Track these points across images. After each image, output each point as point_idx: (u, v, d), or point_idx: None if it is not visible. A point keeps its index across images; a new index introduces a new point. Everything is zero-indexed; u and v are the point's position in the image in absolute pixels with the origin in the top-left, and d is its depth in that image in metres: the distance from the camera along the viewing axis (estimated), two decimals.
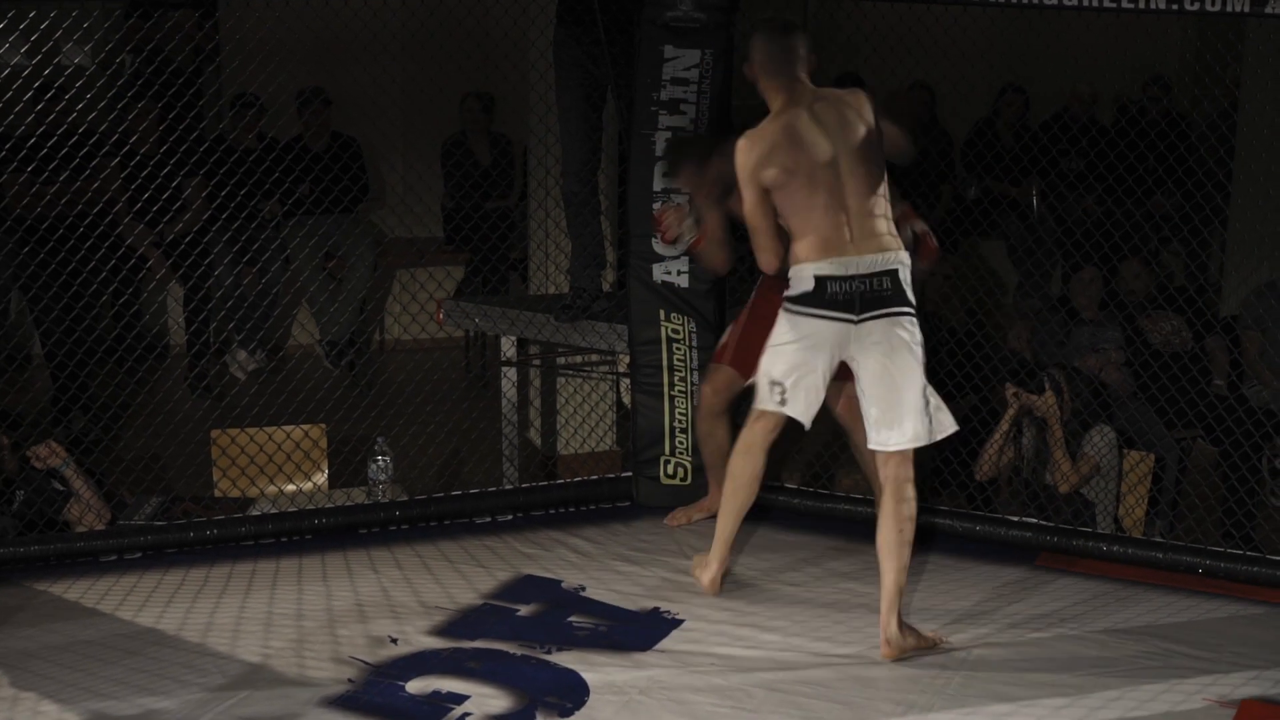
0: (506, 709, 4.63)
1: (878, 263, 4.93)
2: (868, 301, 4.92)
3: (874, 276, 4.92)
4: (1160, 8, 5.50)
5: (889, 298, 4.93)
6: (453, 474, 7.18)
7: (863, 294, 4.92)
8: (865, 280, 4.92)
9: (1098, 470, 6.27)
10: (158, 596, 5.45)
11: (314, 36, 6.29)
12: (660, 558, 5.86)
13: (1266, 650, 5.12)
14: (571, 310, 6.55)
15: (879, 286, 4.93)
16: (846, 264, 4.93)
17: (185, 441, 6.59)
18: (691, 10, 6.00)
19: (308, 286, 8.64)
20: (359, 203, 8.70)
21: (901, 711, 4.66)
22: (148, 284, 7.94)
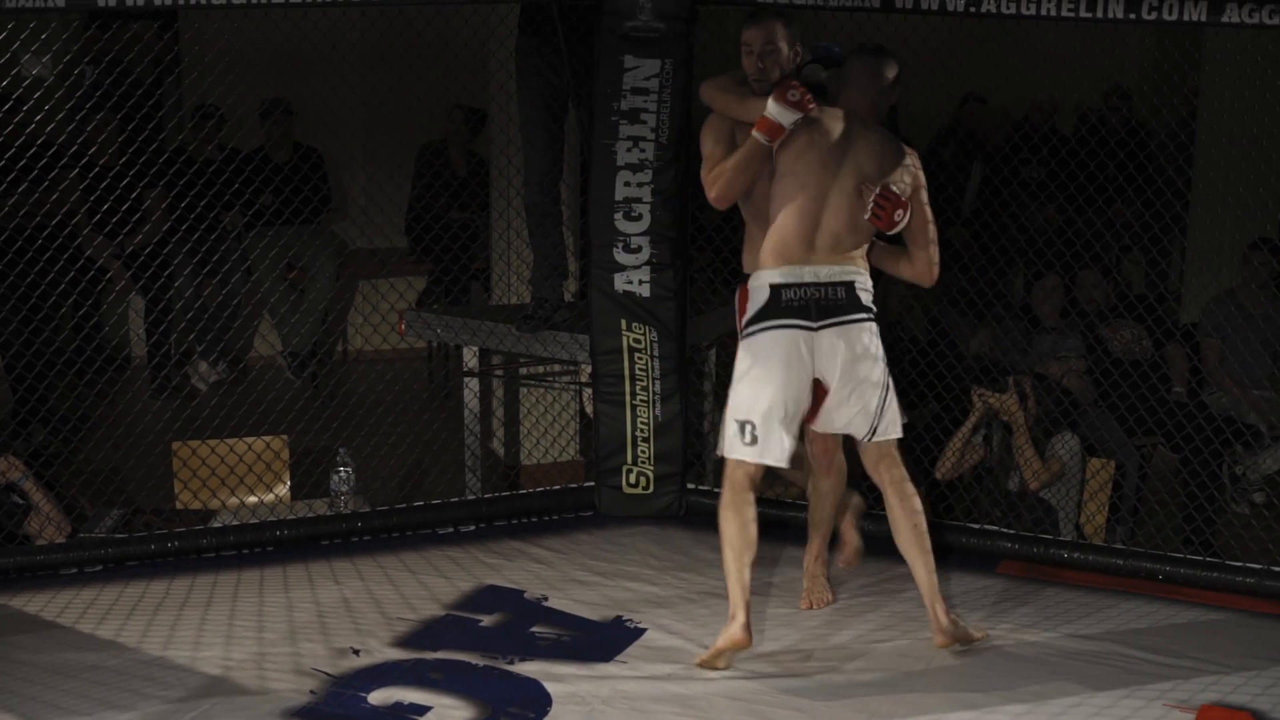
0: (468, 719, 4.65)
1: (834, 274, 4.98)
2: (823, 309, 4.95)
3: (829, 285, 4.97)
4: (1118, 16, 5.55)
5: (844, 306, 4.96)
6: (415, 485, 7.20)
7: (818, 301, 4.96)
8: (820, 288, 4.96)
9: (1065, 471, 6.31)
10: (118, 609, 5.45)
11: (274, 48, 6.30)
12: (623, 568, 5.88)
13: (1226, 655, 5.16)
14: (533, 320, 6.55)
15: (833, 295, 4.96)
16: (801, 273, 4.96)
17: (146, 453, 6.57)
18: (651, 20, 6.00)
19: (269, 297, 8.62)
20: (321, 213, 8.70)
21: (864, 719, 4.68)
22: (108, 295, 7.91)
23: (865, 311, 4.99)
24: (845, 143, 5.04)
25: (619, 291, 6.20)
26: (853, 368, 4.97)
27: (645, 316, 6.21)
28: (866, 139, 5.06)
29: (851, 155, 5.03)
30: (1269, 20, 5.39)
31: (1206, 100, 7.72)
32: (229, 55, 6.21)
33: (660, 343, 6.22)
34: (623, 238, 6.16)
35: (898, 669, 5.01)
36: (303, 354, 8.66)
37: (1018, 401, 6.23)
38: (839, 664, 5.05)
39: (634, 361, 6.24)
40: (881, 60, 5.15)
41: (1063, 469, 6.31)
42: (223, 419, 6.61)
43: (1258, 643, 5.31)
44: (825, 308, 4.95)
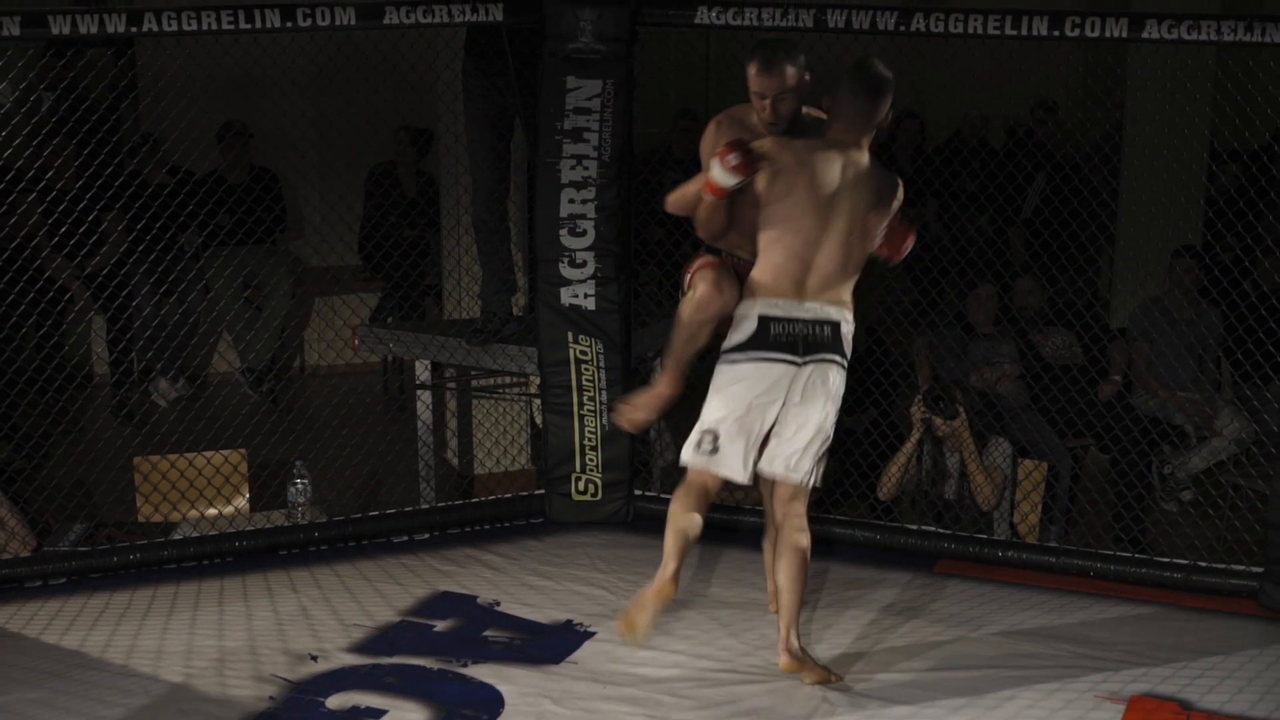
0: None
1: (822, 313, 4.89)
2: (809, 345, 4.87)
3: (816, 323, 4.87)
4: (1042, 34, 5.71)
5: (827, 344, 4.88)
6: (371, 495, 7.25)
7: (805, 337, 4.87)
8: (807, 325, 4.87)
9: (1005, 480, 6.43)
10: (82, 620, 5.50)
11: (226, 73, 6.38)
12: (573, 572, 5.98)
13: (1154, 648, 5.31)
14: (483, 334, 6.63)
15: (820, 333, 4.87)
16: (790, 307, 4.87)
17: (108, 468, 6.63)
18: (592, 42, 6.12)
19: (226, 315, 8.69)
20: (276, 233, 8.78)
21: (807, 715, 4.79)
22: (68, 315, 7.97)
23: (842, 355, 4.92)
24: (839, 181, 4.89)
25: (565, 305, 6.30)
26: (810, 407, 4.91)
27: (591, 329, 6.31)
28: (859, 175, 4.92)
29: (845, 195, 4.89)
30: (1187, 35, 5.57)
31: (1131, 113, 7.84)
32: (184, 80, 6.29)
33: (606, 354, 6.32)
34: (568, 253, 6.27)
35: (839, 669, 5.10)
36: (260, 370, 8.71)
37: (967, 426, 6.31)
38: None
39: (581, 372, 6.35)
40: (874, 83, 4.93)
41: (1003, 479, 6.44)
42: (182, 434, 6.68)
43: (1185, 635, 5.45)
44: (811, 344, 4.87)
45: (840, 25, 5.91)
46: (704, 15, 6.10)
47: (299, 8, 5.81)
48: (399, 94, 7.16)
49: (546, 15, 6.16)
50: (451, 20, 6.11)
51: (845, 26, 5.91)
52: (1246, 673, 5.16)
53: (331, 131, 8.22)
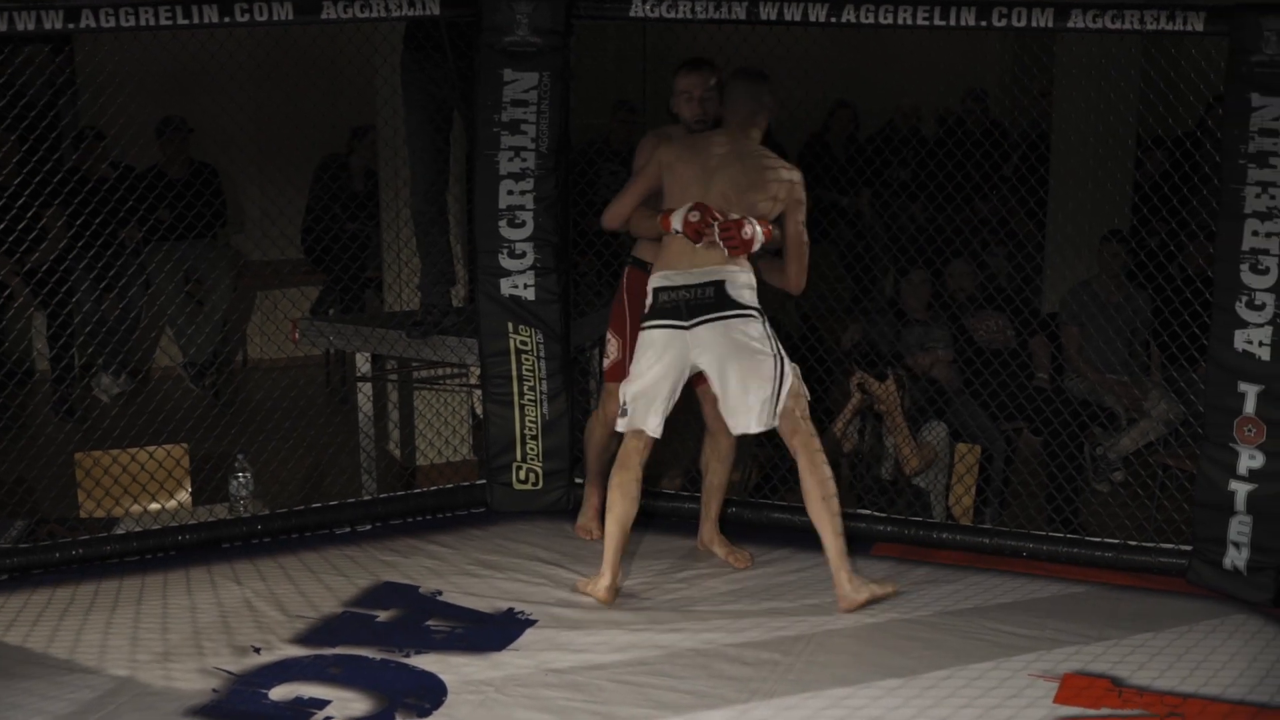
0: (367, 711, 4.76)
1: (704, 274, 5.41)
2: (694, 308, 5.40)
3: (698, 286, 5.41)
4: (969, 24, 5.79)
5: (713, 304, 5.38)
6: (313, 487, 7.27)
7: (688, 301, 5.41)
8: (690, 289, 5.41)
9: (936, 457, 6.52)
10: (25, 616, 5.49)
11: (164, 68, 6.38)
12: (514, 560, 6.01)
13: (1086, 626, 5.39)
14: (423, 326, 6.67)
15: (702, 295, 5.40)
16: (675, 276, 5.44)
17: (50, 464, 6.61)
18: (528, 35, 6.16)
19: (168, 309, 8.69)
20: (216, 227, 8.78)
21: (745, 697, 4.85)
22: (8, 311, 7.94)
23: (739, 308, 5.37)
24: (720, 165, 5.48)
25: (505, 296, 6.34)
26: (734, 361, 5.37)
27: (531, 319, 6.36)
28: (741, 160, 5.49)
29: (722, 175, 5.47)
30: (1111, 25, 5.67)
31: (1059, 101, 7.93)
32: (122, 76, 6.29)
33: (546, 344, 6.37)
34: (507, 244, 6.31)
35: (779, 649, 5.17)
36: (202, 364, 8.71)
37: (896, 389, 6.44)
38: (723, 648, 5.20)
39: (521, 363, 6.39)
40: (755, 84, 5.58)
41: (935, 456, 6.53)
42: (124, 429, 6.68)
43: (1117, 613, 5.54)
44: (695, 307, 5.40)
45: (773, 17, 5.97)
46: (639, 8, 6.16)
47: (237, 3, 5.82)
48: (337, 88, 7.17)
49: (483, 8, 6.19)
50: (389, 14, 6.14)
51: (778, 18, 5.98)
52: (1176, 649, 5.25)
53: (271, 126, 8.22)
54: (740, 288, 5.41)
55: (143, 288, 8.52)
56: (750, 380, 5.38)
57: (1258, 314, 5.51)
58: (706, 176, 5.49)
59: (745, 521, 6.29)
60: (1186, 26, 5.55)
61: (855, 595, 5.46)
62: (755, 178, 5.48)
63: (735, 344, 5.38)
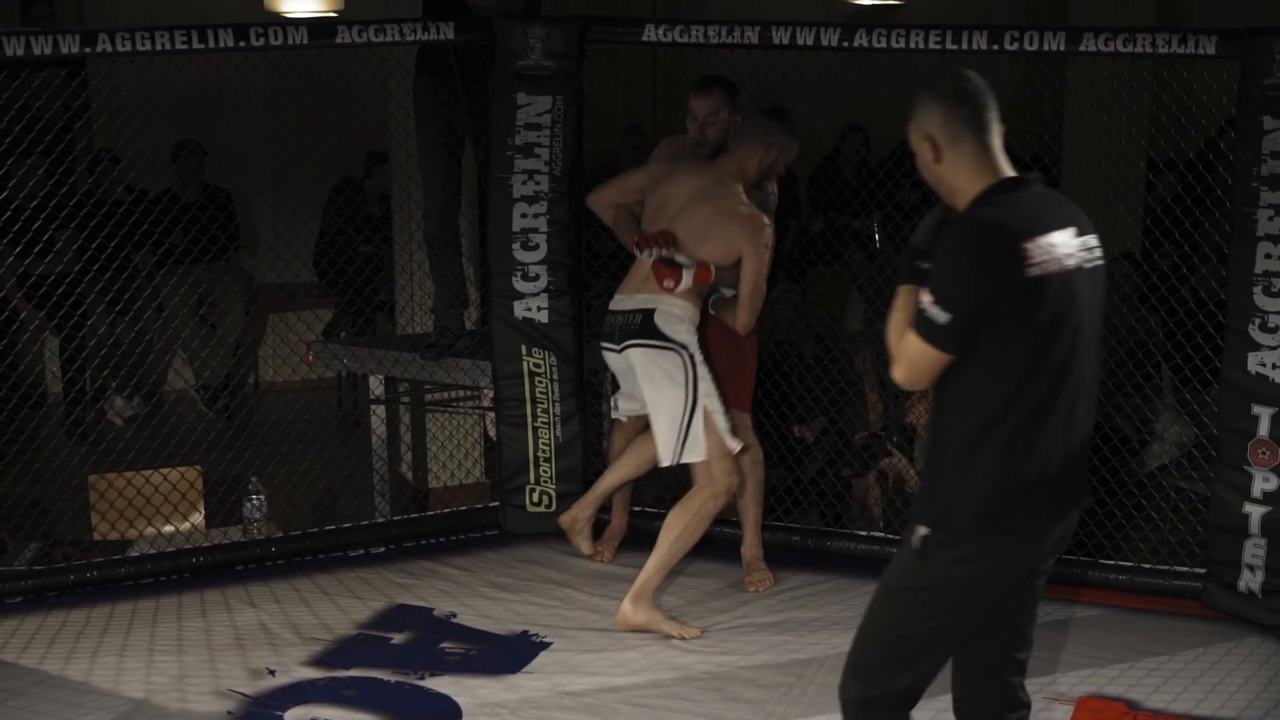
0: None
1: (637, 302, 5.55)
2: (624, 333, 5.56)
3: (630, 312, 5.56)
4: (982, 48, 5.82)
5: (638, 330, 5.51)
6: (326, 509, 7.28)
7: (621, 326, 5.57)
8: (625, 315, 5.57)
9: None
10: (40, 638, 5.52)
11: (179, 92, 6.41)
12: (528, 583, 6.03)
13: (1101, 649, 5.40)
14: (436, 349, 6.69)
15: (630, 321, 5.54)
16: (620, 301, 5.62)
17: (64, 487, 6.63)
18: (541, 59, 6.20)
19: (181, 333, 8.72)
20: (230, 251, 8.81)
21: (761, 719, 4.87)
22: (22, 335, 7.96)
23: (660, 339, 5.46)
24: (687, 204, 5.54)
25: (518, 318, 6.37)
26: (643, 390, 5.54)
27: (544, 342, 6.38)
28: (708, 201, 5.53)
29: (687, 214, 5.53)
30: (1123, 48, 5.69)
31: (1070, 123, 7.95)
32: (137, 100, 6.32)
33: (559, 366, 6.39)
34: (521, 267, 6.34)
35: (792, 672, 5.19)
36: (215, 387, 8.75)
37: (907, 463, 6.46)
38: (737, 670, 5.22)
39: (534, 385, 6.42)
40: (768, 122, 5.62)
41: None
42: (138, 452, 6.71)
43: (1131, 636, 5.55)
44: (625, 331, 5.55)
45: (785, 42, 6.01)
46: (651, 33, 6.20)
47: (252, 28, 5.87)
48: (351, 112, 7.20)
49: (497, 33, 6.23)
50: (403, 39, 6.18)
51: (790, 43, 6.01)
52: (1191, 672, 5.27)
53: (285, 149, 8.25)
54: (671, 320, 5.49)
55: (156, 311, 8.54)
56: (658, 414, 5.51)
57: (1271, 336, 5.52)
58: (672, 208, 5.57)
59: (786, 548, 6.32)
60: (1198, 50, 5.57)
61: (632, 617, 5.51)
62: (714, 224, 5.50)
63: (649, 375, 5.49)
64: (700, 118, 5.76)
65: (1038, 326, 3.43)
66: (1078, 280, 3.48)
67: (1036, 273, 3.39)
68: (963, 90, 3.57)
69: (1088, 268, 3.52)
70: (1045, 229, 3.45)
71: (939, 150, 3.57)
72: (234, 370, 8.91)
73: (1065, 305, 3.45)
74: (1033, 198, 3.53)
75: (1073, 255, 3.48)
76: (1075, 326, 3.49)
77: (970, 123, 3.56)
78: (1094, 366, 3.58)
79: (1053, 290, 3.42)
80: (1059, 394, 3.49)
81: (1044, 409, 3.48)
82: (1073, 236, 3.50)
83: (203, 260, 8.43)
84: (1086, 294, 3.51)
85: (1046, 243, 3.43)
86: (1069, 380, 3.50)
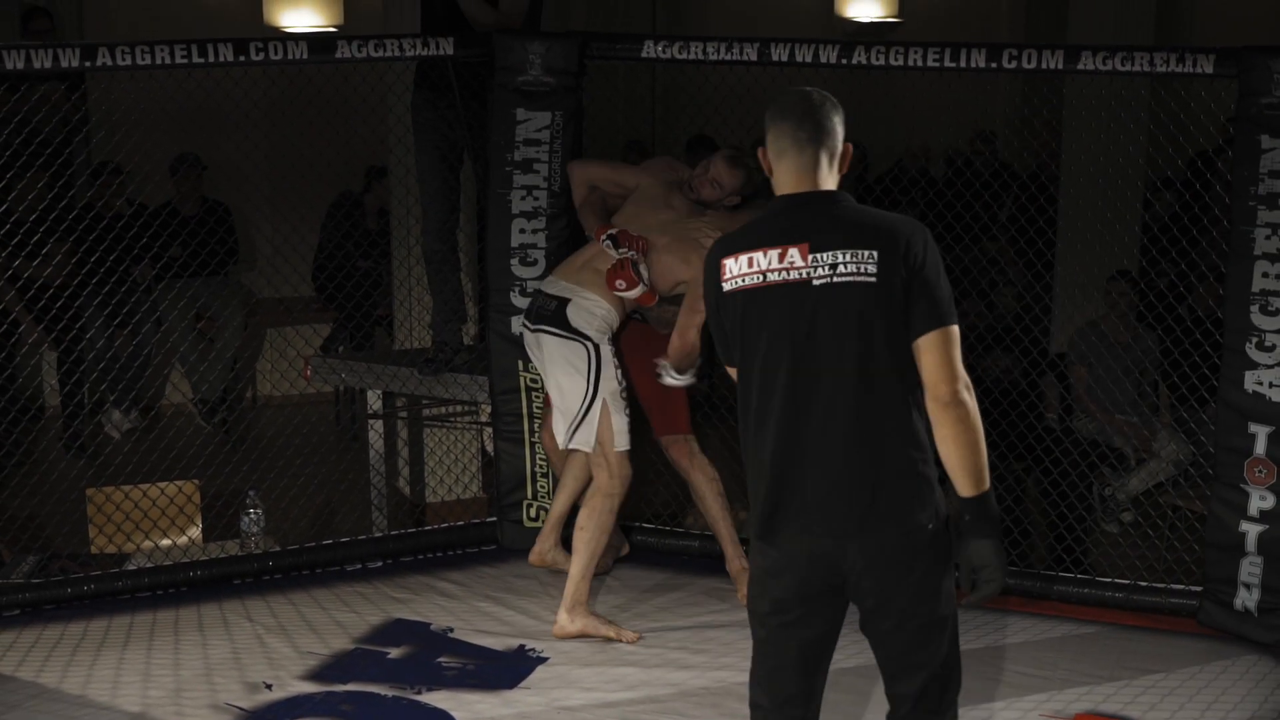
0: None
1: (560, 289, 5.68)
2: (537, 315, 5.69)
3: (550, 296, 5.68)
4: (980, 65, 5.83)
5: (549, 316, 5.64)
6: (324, 524, 7.29)
7: (539, 308, 5.69)
8: (545, 298, 5.70)
9: None
10: (37, 652, 5.52)
11: (179, 106, 6.42)
12: (525, 598, 6.03)
13: (1097, 666, 5.40)
14: (434, 364, 6.70)
15: (545, 305, 5.67)
16: (547, 284, 5.77)
17: (61, 500, 6.64)
18: (541, 75, 6.22)
19: (179, 346, 8.72)
20: (228, 265, 8.82)
21: None
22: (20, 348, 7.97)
23: (568, 330, 5.59)
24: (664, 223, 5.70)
25: (516, 334, 6.31)
26: (547, 373, 5.71)
27: None
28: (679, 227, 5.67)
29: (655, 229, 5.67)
30: (1121, 67, 5.70)
31: (1068, 141, 7.96)
32: (134, 115, 6.33)
33: None
34: (519, 282, 6.34)
35: None
36: (213, 400, 8.75)
37: None
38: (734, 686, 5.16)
39: (532, 400, 6.41)
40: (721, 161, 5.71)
41: None
42: (135, 465, 6.71)
43: (1127, 654, 5.55)
44: (538, 315, 5.69)
45: (784, 59, 6.02)
46: (651, 49, 6.21)
47: (252, 42, 5.88)
48: (350, 127, 7.20)
49: (496, 48, 6.24)
50: (403, 54, 6.19)
51: (789, 60, 6.02)
52: (1188, 689, 5.26)
53: (284, 164, 8.27)
54: (583, 313, 5.61)
55: (154, 325, 8.54)
56: (559, 399, 5.68)
57: (1268, 355, 5.53)
58: (648, 219, 5.70)
59: None
60: (1196, 69, 5.58)
61: (568, 626, 5.60)
62: (674, 244, 5.62)
63: (554, 360, 5.64)
64: (708, 180, 5.72)
65: (738, 338, 3.66)
66: (773, 295, 3.59)
67: (729, 288, 3.63)
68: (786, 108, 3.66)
69: (812, 283, 3.58)
70: (751, 246, 3.62)
71: (769, 163, 3.71)
72: (232, 384, 8.92)
73: (756, 319, 3.61)
74: (779, 214, 3.65)
75: (777, 272, 3.58)
76: (778, 338, 3.58)
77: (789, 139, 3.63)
78: (829, 381, 3.58)
79: (739, 305, 3.62)
80: (770, 402, 3.61)
81: (760, 415, 3.64)
82: (795, 254, 3.57)
83: (201, 274, 8.45)
84: (795, 308, 3.57)
85: (745, 259, 3.61)
86: (783, 391, 3.58)
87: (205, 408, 8.70)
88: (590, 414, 5.59)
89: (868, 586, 3.64)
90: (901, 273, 3.51)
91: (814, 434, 3.57)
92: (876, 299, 3.51)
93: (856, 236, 3.55)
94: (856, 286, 3.53)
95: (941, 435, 3.56)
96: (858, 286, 3.53)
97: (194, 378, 8.76)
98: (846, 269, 3.54)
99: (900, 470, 3.57)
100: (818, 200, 3.63)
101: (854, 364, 3.55)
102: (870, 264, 3.53)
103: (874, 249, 3.53)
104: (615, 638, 5.58)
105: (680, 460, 6.03)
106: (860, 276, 3.53)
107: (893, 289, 3.51)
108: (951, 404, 3.53)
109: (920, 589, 3.64)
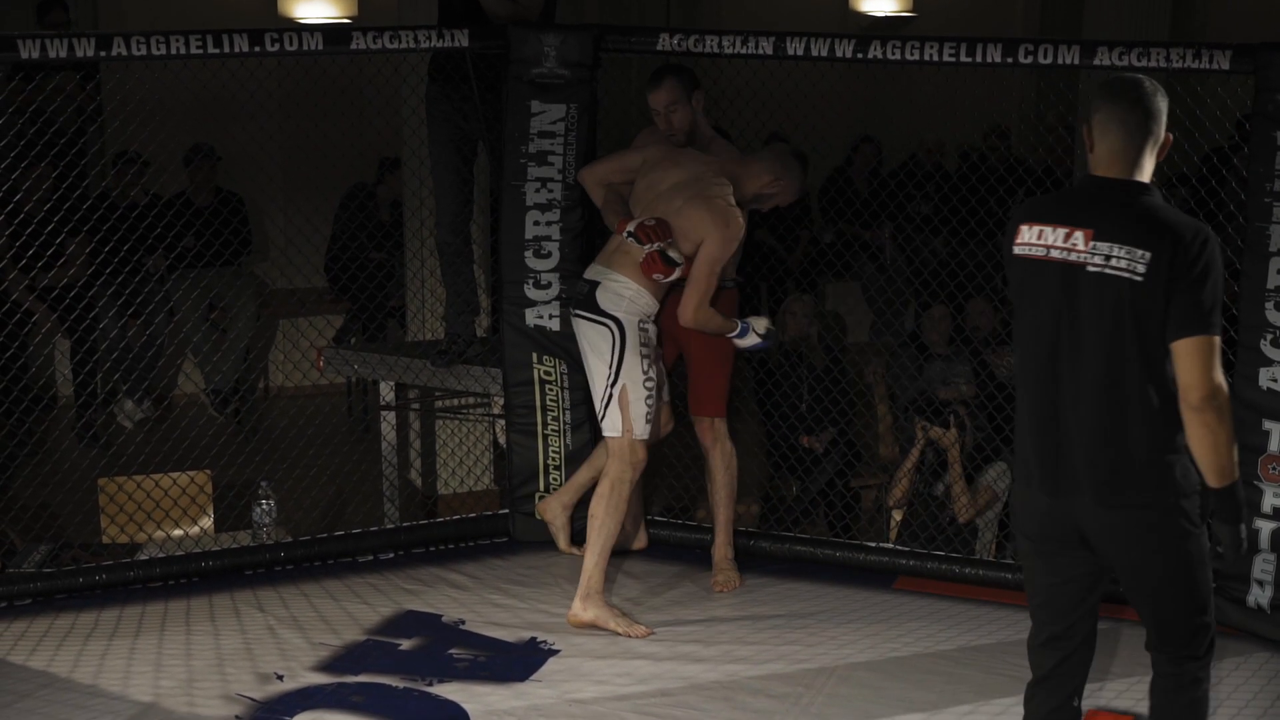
0: None
1: (593, 273, 5.75)
2: (576, 301, 5.78)
3: (585, 281, 5.76)
4: (996, 60, 5.82)
5: (583, 301, 5.71)
6: (336, 515, 7.29)
7: (578, 294, 5.78)
8: (582, 282, 5.79)
9: (997, 500, 6.53)
10: (49, 641, 5.52)
11: (193, 97, 6.43)
12: (537, 590, 6.03)
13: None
14: (447, 355, 6.70)
15: (581, 290, 5.76)
16: (588, 270, 5.81)
17: (74, 490, 6.63)
18: (555, 67, 6.21)
19: (192, 337, 8.73)
20: (241, 255, 8.83)
21: None
22: (34, 337, 7.99)
23: (597, 313, 5.64)
24: (666, 193, 5.71)
25: (530, 326, 6.37)
26: (585, 359, 5.76)
27: (555, 350, 6.38)
28: (687, 190, 5.68)
29: (664, 202, 5.69)
30: (1137, 62, 5.68)
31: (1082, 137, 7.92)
32: (149, 105, 6.34)
33: (570, 374, 6.37)
34: (533, 274, 6.35)
35: (800, 683, 5.18)
36: (225, 391, 8.75)
37: (956, 436, 6.49)
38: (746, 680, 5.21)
39: (545, 393, 6.42)
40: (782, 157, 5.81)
41: (995, 497, 6.55)
42: (148, 455, 6.72)
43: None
44: (576, 300, 5.79)
45: (800, 52, 6.01)
46: (665, 42, 6.21)
47: (267, 33, 5.87)
48: (365, 118, 7.21)
49: (511, 40, 6.24)
50: (418, 46, 6.18)
51: (804, 53, 6.01)
52: None
53: (297, 155, 8.27)
54: (612, 295, 5.65)
55: (167, 315, 8.56)
56: (591, 383, 5.76)
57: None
58: (661, 187, 5.74)
59: (765, 553, 6.31)
60: (1212, 65, 5.57)
61: (581, 615, 5.62)
62: (690, 205, 5.64)
63: (584, 344, 5.73)
64: (660, 109, 5.83)
65: (1016, 300, 3.96)
66: (1050, 270, 3.85)
67: (1018, 252, 3.89)
68: (1120, 91, 3.85)
69: (1086, 268, 3.82)
70: (1046, 219, 3.89)
71: (1091, 140, 3.90)
72: (244, 375, 8.93)
73: (1032, 288, 3.89)
74: (1079, 193, 3.97)
75: (1060, 250, 3.84)
76: (1047, 310, 3.87)
77: (1116, 122, 3.84)
78: (1085, 359, 3.82)
79: (1023, 270, 3.90)
80: (1033, 367, 3.93)
81: (1023, 378, 3.98)
82: (1079, 238, 3.82)
83: (214, 265, 8.46)
84: (1066, 287, 3.83)
85: (1037, 230, 3.88)
86: (1046, 360, 3.88)
87: (218, 398, 8.71)
88: (612, 400, 5.61)
89: (1105, 552, 3.95)
90: (1168, 276, 3.68)
91: (1067, 406, 3.84)
92: (1135, 297, 3.71)
93: (1136, 234, 3.73)
94: (1122, 281, 3.74)
95: (1190, 434, 3.77)
96: (1123, 282, 3.74)
97: (206, 368, 8.77)
98: (1119, 263, 3.74)
99: (1136, 452, 3.81)
100: (1118, 189, 3.81)
101: (1106, 348, 3.78)
102: (1141, 264, 3.72)
103: (1149, 250, 3.71)
104: (622, 633, 5.57)
105: (704, 438, 6.02)
106: (1128, 274, 3.73)
107: (1154, 291, 3.70)
108: (1199, 409, 3.72)
109: (1145, 562, 3.92)
